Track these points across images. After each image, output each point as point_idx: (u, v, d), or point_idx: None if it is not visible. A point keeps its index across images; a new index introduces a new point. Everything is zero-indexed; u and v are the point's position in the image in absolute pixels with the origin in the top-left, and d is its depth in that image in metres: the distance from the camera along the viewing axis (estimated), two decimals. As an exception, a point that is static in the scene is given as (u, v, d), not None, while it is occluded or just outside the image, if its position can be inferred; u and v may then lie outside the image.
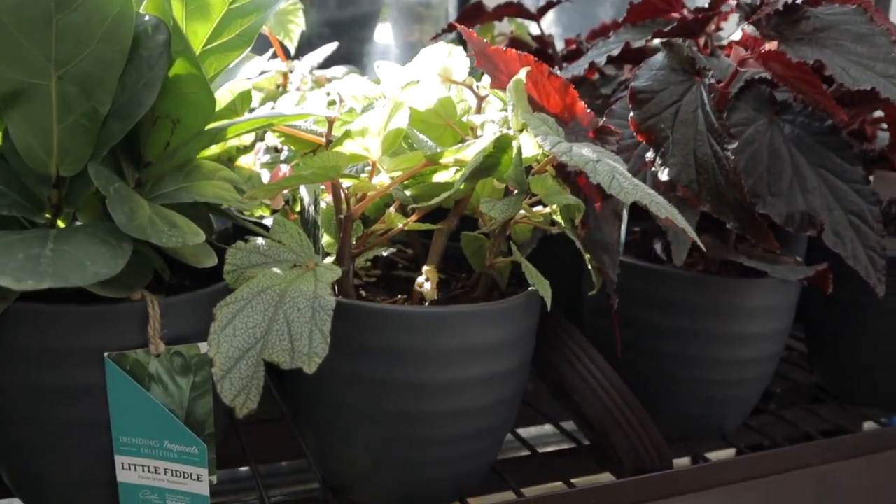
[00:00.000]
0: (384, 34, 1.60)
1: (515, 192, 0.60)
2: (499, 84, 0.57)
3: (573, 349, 0.64)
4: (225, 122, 0.47)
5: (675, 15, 0.75)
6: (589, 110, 0.59)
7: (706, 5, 0.72)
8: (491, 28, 0.98)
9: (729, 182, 0.54)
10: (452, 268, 0.65)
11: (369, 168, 0.59)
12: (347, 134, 0.50)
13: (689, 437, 0.75)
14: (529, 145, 0.52)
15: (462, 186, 0.50)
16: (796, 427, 0.85)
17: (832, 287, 0.66)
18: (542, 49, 0.95)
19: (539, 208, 0.58)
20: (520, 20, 0.98)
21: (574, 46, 1.00)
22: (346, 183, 0.54)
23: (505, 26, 1.01)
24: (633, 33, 0.71)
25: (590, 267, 0.57)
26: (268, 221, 0.72)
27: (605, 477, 0.74)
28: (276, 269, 0.45)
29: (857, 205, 0.59)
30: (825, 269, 0.60)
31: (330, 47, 0.88)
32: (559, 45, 1.03)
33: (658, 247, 0.72)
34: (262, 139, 0.78)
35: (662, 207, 0.46)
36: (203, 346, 0.48)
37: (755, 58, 0.54)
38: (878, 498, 0.76)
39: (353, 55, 1.50)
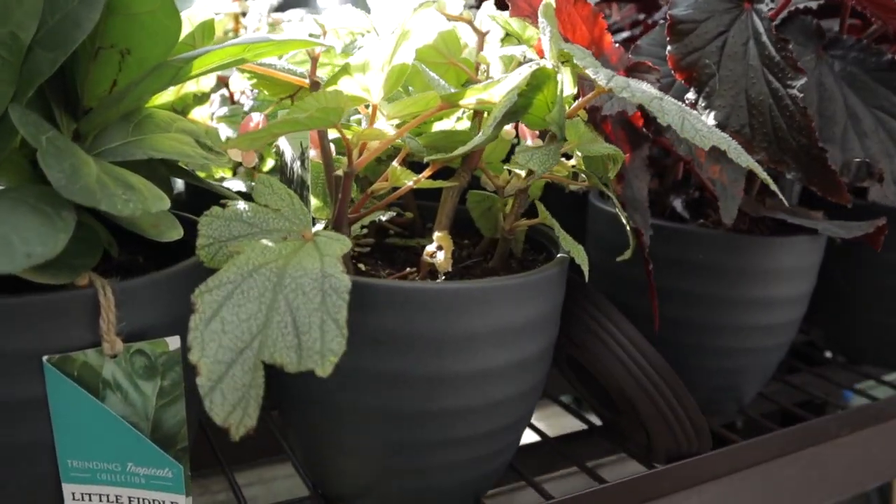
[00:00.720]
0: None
1: (530, 141, 0.51)
2: (518, 11, 0.48)
3: (598, 318, 0.55)
4: (190, 52, 0.36)
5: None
6: (617, 45, 0.50)
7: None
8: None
9: (793, 126, 0.46)
10: (453, 232, 0.56)
11: (358, 116, 0.49)
12: (345, 69, 0.40)
13: (706, 410, 0.68)
14: (565, 80, 0.43)
15: (489, 134, 0.40)
16: (806, 392, 0.81)
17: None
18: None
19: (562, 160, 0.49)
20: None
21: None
22: (333, 134, 0.44)
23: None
24: (647, -41, 0.62)
25: (628, 228, 0.48)
26: (230, 184, 0.61)
27: (621, 458, 0.67)
28: (265, 242, 0.35)
29: (918, 151, 0.52)
30: (883, 225, 0.53)
31: (289, -18, 0.77)
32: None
33: (678, 203, 0.64)
34: (216, 89, 0.67)
35: (742, 155, 0.38)
36: (172, 342, 0.38)
37: (821, -23, 0.45)
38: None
39: (300, 2, 1.38)
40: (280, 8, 0.88)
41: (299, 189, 0.44)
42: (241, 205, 0.37)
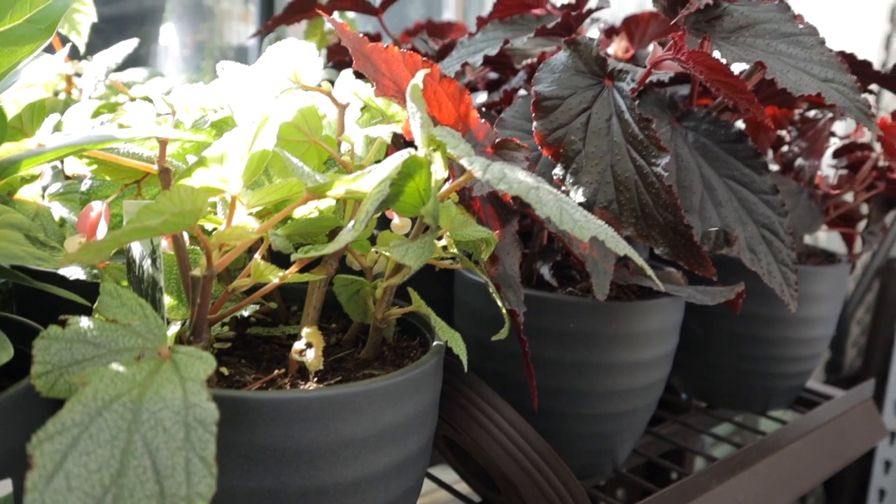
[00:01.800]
0: (167, 32, 1.42)
1: (397, 220, 0.50)
2: (382, 91, 0.46)
3: (473, 399, 0.54)
4: (16, 151, 0.32)
5: (539, 11, 0.68)
6: (484, 121, 0.50)
7: (572, 1, 0.65)
8: (320, 24, 0.85)
9: (659, 202, 0.47)
10: (319, 315, 0.53)
11: (213, 199, 0.45)
12: (202, 161, 0.36)
13: (584, 474, 0.69)
14: (437, 169, 0.41)
15: (360, 229, 0.38)
16: (671, 442, 0.83)
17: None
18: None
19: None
20: (352, 15, 0.86)
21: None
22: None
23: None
24: (505, 30, 0.62)
25: (504, 311, 0.47)
26: (67, 271, 0.55)
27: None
28: (115, 367, 0.31)
29: (768, 217, 0.54)
30: (742, 291, 0.55)
31: (129, 44, 0.71)
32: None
33: (546, 271, 0.64)
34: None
35: (620, 244, 0.38)
36: (4, 486, 0.32)
37: (675, 57, 0.47)
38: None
39: (138, 57, 1.31)
40: (119, 67, 0.83)
41: (151, 290, 0.40)
42: (85, 322, 0.32)
